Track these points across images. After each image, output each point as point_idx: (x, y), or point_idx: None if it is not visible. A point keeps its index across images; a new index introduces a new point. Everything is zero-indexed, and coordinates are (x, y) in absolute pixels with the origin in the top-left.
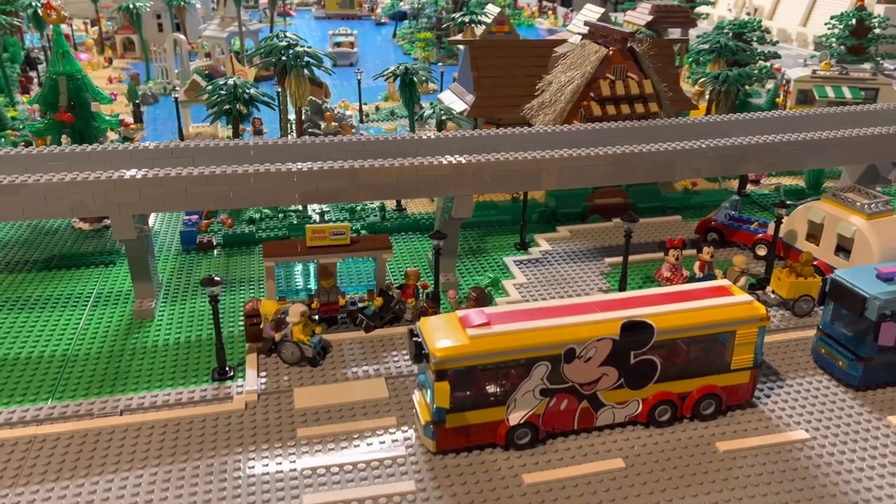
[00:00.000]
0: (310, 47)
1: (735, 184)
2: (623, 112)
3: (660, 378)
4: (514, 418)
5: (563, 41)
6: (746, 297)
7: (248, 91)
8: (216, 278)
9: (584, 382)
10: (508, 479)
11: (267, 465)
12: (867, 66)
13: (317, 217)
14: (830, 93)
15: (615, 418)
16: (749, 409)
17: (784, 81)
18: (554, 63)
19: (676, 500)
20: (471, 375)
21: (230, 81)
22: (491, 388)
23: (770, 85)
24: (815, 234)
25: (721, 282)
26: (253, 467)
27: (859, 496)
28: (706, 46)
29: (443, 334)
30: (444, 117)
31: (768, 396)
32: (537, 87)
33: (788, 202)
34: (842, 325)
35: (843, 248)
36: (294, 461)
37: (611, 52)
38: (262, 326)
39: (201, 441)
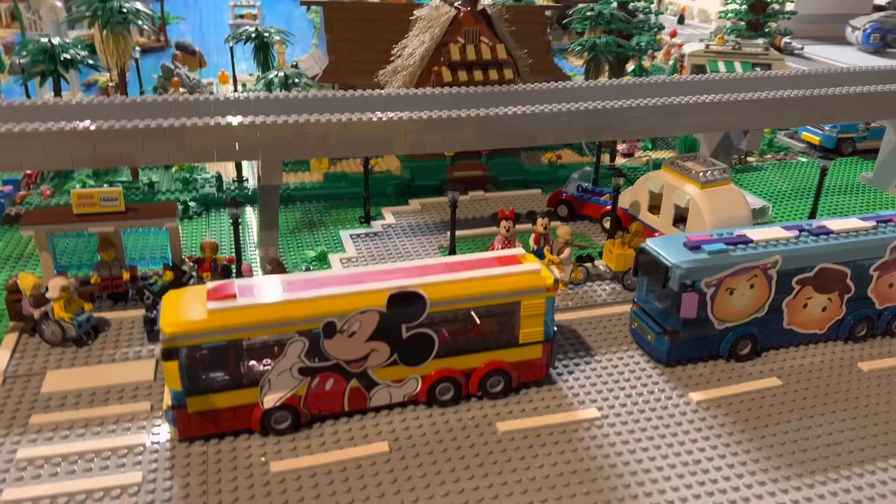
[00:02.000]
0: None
1: (606, 158)
2: (476, 79)
3: (440, 353)
4: (270, 401)
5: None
6: (534, 265)
7: (66, 51)
8: None
9: (351, 360)
10: (255, 467)
11: None
12: (760, 41)
13: (146, 187)
14: (722, 67)
15: (392, 398)
16: (545, 387)
17: (680, 56)
18: (413, 27)
19: (449, 484)
20: (213, 354)
21: (44, 40)
22: (240, 368)
23: (672, 61)
24: (656, 204)
25: (515, 250)
26: None
27: (642, 476)
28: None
29: (180, 308)
30: (294, 82)
31: (571, 373)
32: (393, 51)
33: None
34: (653, 297)
35: (683, 218)
36: (13, 451)
37: (461, 14)
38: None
39: None
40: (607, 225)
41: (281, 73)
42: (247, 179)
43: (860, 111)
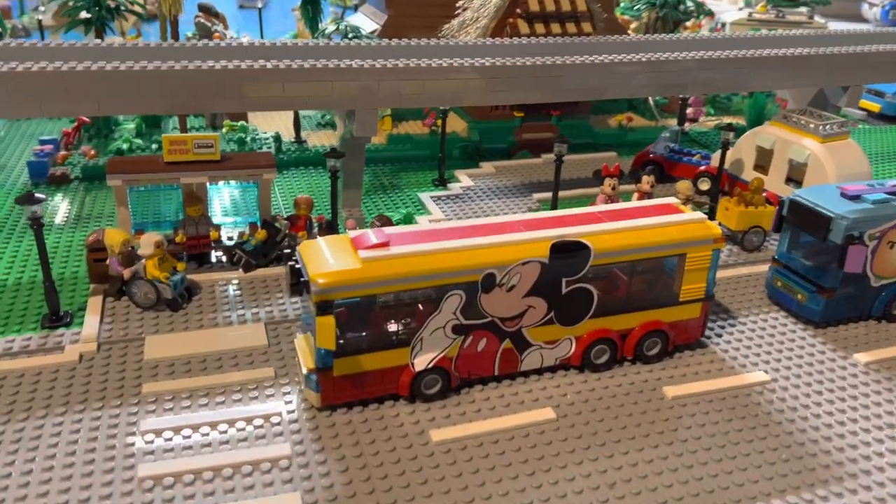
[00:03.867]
0: None
1: (672, 123)
2: (553, 31)
3: (597, 312)
4: (421, 362)
5: None
6: (698, 214)
7: None
8: (37, 195)
9: (507, 317)
10: (413, 436)
11: (97, 428)
12: (803, 9)
13: None
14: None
15: (544, 361)
16: (699, 350)
17: (719, 25)
18: None
19: (618, 455)
20: (364, 309)
21: None
22: (391, 326)
23: (705, 31)
24: (763, 163)
25: (667, 199)
26: (77, 431)
27: (827, 443)
28: None
29: (328, 258)
30: (350, 35)
31: (720, 336)
32: (459, 3)
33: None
34: (801, 253)
35: (794, 178)
36: (133, 423)
37: None
38: (107, 262)
39: (12, 402)
40: (703, 186)
41: (342, 26)
42: (305, 140)
43: None
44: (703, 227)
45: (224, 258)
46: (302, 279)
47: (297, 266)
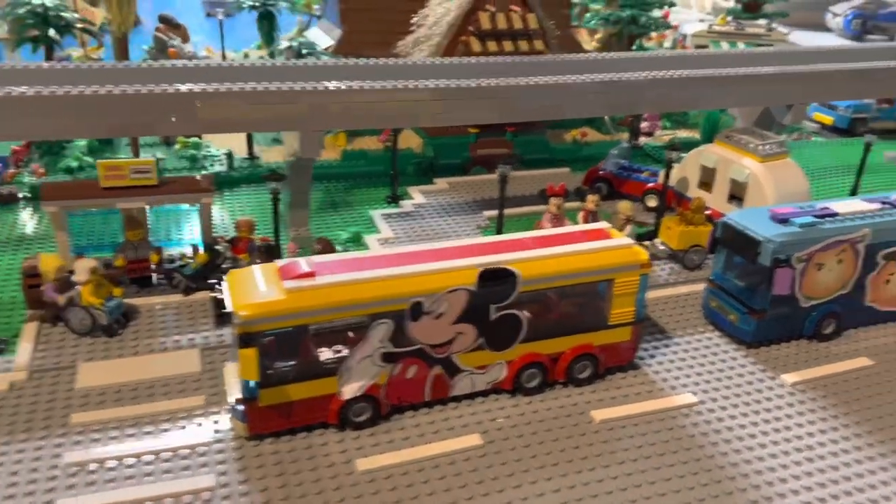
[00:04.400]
0: None
1: (626, 137)
2: (506, 49)
3: (527, 337)
4: (349, 391)
5: None
6: (626, 240)
7: (61, 14)
8: None
9: (436, 344)
10: (339, 466)
11: (20, 461)
12: (762, 21)
13: None
14: (726, 48)
15: (475, 386)
16: (631, 372)
17: (681, 37)
18: None
19: (541, 482)
20: (290, 339)
21: (36, 0)
22: (318, 355)
23: (668, 42)
24: (707, 180)
25: (598, 224)
26: (0, 465)
27: (748, 465)
28: None
29: (253, 288)
30: (304, 52)
31: (653, 357)
32: (413, 19)
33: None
34: (734, 274)
35: (737, 195)
36: (58, 455)
37: None
38: (42, 288)
39: None
40: (650, 203)
41: (295, 44)
42: (258, 157)
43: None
44: (631, 252)
45: (164, 282)
46: (225, 310)
47: (220, 297)
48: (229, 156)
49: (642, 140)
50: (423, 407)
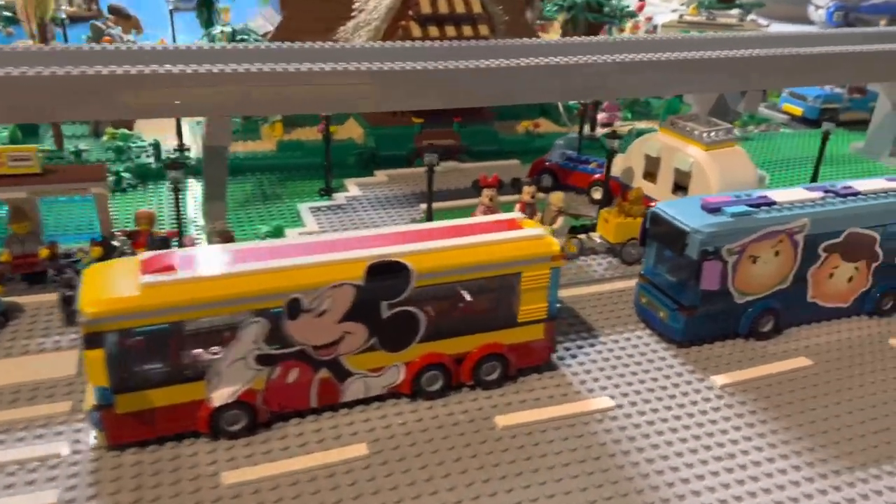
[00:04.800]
0: None
1: (586, 129)
2: (448, 35)
3: (426, 336)
4: (220, 397)
5: None
6: (537, 230)
7: None
8: None
9: (320, 345)
10: (203, 479)
11: None
12: (735, 11)
13: (72, 157)
14: None
15: (369, 390)
16: (547, 374)
17: (652, 28)
18: None
19: (426, 497)
20: (149, 340)
21: None
22: (181, 357)
23: (641, 34)
24: (652, 170)
25: (511, 214)
26: None
27: (661, 476)
28: None
29: (105, 284)
30: (238, 38)
31: (574, 357)
32: (355, 5)
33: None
34: (665, 268)
35: (682, 185)
36: None
37: None
38: None
39: None
40: (596, 195)
41: (228, 29)
42: (188, 148)
43: (861, 71)
44: (541, 243)
45: (57, 279)
46: (72, 308)
47: (68, 294)
48: (156, 146)
49: (600, 131)
50: (311, 414)
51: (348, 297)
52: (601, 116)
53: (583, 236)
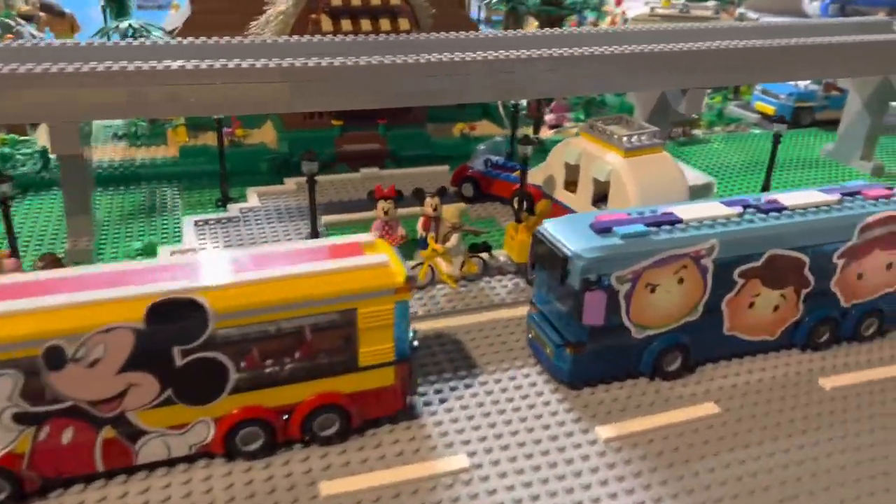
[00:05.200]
0: None
1: (529, 130)
2: (363, 29)
3: (242, 385)
4: None
5: None
6: (379, 257)
7: None
8: None
9: (99, 400)
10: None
11: None
12: (711, 3)
13: None
14: None
15: (172, 450)
16: (402, 424)
17: (623, 21)
18: None
19: None
20: None
21: None
22: None
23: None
24: (573, 179)
25: (363, 236)
26: None
27: None
28: None
29: None
30: (135, 35)
31: (444, 401)
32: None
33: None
34: (554, 296)
35: (602, 196)
36: None
37: None
38: None
39: None
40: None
41: (124, 24)
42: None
43: (824, 66)
44: (381, 273)
45: None
46: None
47: None
48: (43, 153)
49: (547, 133)
50: (99, 479)
51: (126, 344)
52: (549, 117)
53: (486, 255)
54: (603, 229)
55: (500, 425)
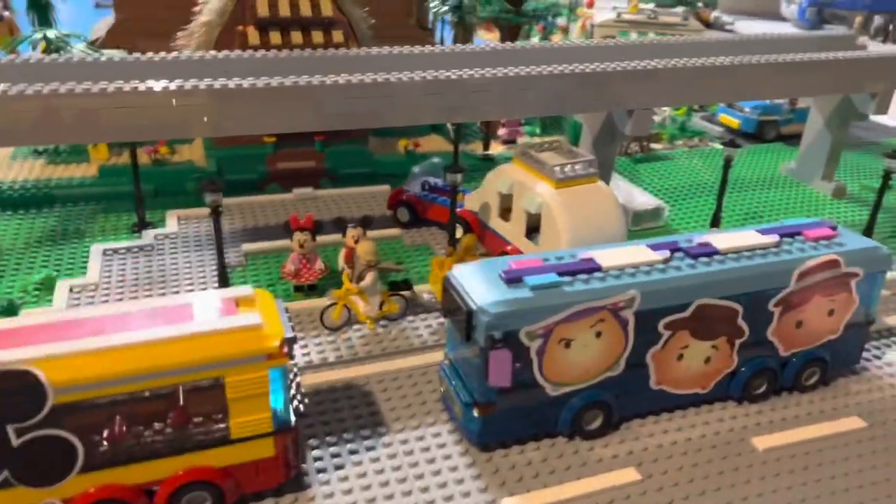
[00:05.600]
0: None
1: (477, 147)
2: (294, 42)
3: (93, 464)
4: None
5: None
6: (250, 318)
7: None
8: None
9: None
10: None
11: None
12: (679, 9)
13: None
14: (635, 38)
15: None
16: (288, 498)
17: (590, 27)
18: None
19: None
20: None
21: None
22: None
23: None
24: (508, 206)
25: (242, 290)
26: None
27: None
28: None
29: None
30: (59, 46)
31: (340, 468)
32: (196, 7)
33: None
34: (463, 350)
35: (535, 229)
36: None
37: None
38: None
39: None
40: (458, 234)
41: (39, 35)
42: None
43: (784, 85)
44: (252, 338)
45: None
46: None
47: None
48: None
49: (499, 149)
50: None
51: None
52: (502, 132)
53: (407, 293)
54: (513, 279)
55: (398, 497)
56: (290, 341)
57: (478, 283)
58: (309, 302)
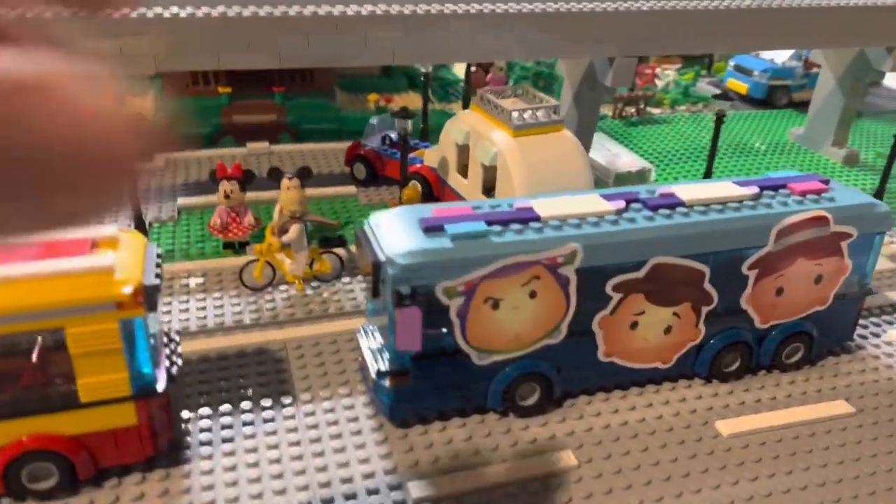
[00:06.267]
0: None
1: (458, 106)
2: None
3: None
4: None
5: None
6: (101, 260)
7: None
8: None
9: None
10: None
11: None
12: None
13: None
14: None
15: None
16: (158, 474)
17: None
18: None
19: None
20: None
21: None
22: None
23: None
24: (465, 161)
25: (109, 229)
26: None
27: None
28: None
29: None
30: None
31: (229, 440)
32: None
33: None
34: (377, 310)
35: (491, 185)
36: None
37: None
38: None
39: None
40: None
41: None
42: None
43: (791, 35)
44: (99, 283)
45: None
46: None
47: None
48: None
49: None
50: None
51: None
52: (489, 77)
53: (341, 250)
54: (432, 227)
55: (288, 476)
56: (151, 290)
57: (392, 233)
58: (237, 259)
